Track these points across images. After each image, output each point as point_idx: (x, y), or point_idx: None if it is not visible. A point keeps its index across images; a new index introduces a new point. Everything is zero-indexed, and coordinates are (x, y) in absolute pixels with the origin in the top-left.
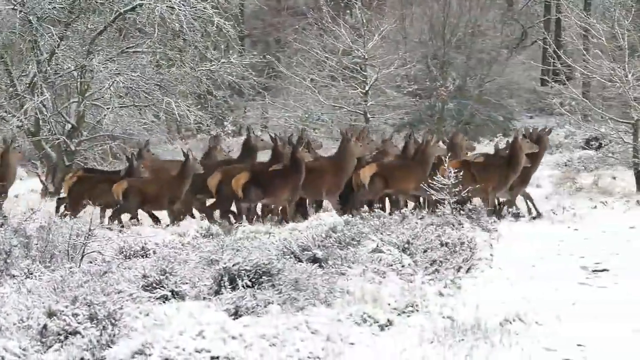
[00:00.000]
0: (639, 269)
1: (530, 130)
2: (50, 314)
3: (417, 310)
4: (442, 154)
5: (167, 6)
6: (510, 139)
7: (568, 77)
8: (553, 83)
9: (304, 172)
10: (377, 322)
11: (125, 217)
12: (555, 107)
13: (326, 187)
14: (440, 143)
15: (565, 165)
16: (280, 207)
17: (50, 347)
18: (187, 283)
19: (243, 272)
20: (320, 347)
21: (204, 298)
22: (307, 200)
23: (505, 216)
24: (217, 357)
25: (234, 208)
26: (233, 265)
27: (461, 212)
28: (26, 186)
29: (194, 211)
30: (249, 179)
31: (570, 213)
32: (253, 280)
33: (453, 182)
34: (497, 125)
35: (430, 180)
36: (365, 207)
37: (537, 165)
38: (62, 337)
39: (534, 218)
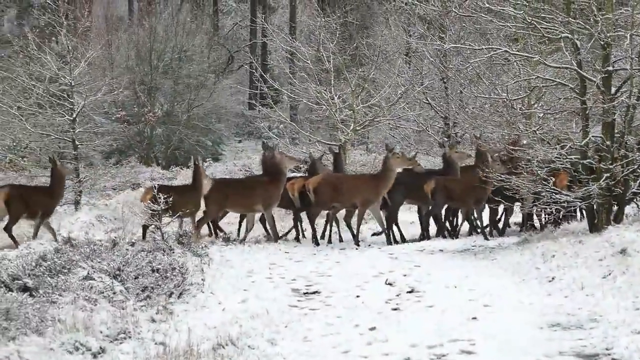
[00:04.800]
0: (348, 290)
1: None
2: None
3: (130, 337)
4: None
5: None
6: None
7: (275, 101)
8: (260, 107)
9: None
10: (90, 349)
11: None
12: (263, 130)
13: None
14: None
15: None
16: None
17: None
18: None
19: None
20: None
21: None
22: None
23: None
24: None
25: None
26: None
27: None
28: None
29: None
30: None
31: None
32: None
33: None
34: (206, 149)
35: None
36: None
37: None
38: None
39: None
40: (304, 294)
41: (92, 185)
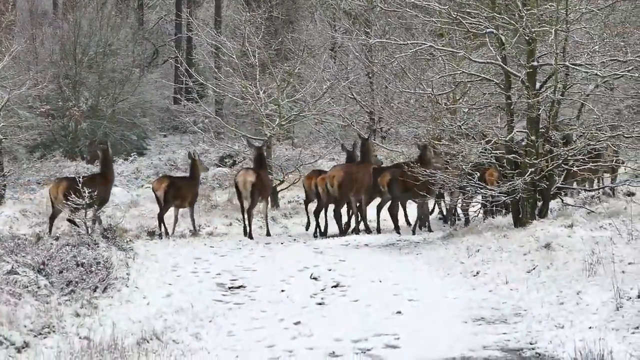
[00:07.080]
0: (273, 284)
1: None
2: None
3: (54, 332)
4: None
5: None
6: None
7: (201, 95)
8: (186, 101)
9: None
10: (14, 344)
11: None
12: (188, 125)
13: None
14: None
15: (201, 183)
16: None
17: None
18: None
19: None
20: None
21: None
22: None
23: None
24: None
25: None
26: None
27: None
28: None
29: None
30: None
31: (206, 230)
32: None
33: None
34: (132, 144)
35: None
36: None
37: None
38: None
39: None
40: (229, 288)
41: (16, 179)
